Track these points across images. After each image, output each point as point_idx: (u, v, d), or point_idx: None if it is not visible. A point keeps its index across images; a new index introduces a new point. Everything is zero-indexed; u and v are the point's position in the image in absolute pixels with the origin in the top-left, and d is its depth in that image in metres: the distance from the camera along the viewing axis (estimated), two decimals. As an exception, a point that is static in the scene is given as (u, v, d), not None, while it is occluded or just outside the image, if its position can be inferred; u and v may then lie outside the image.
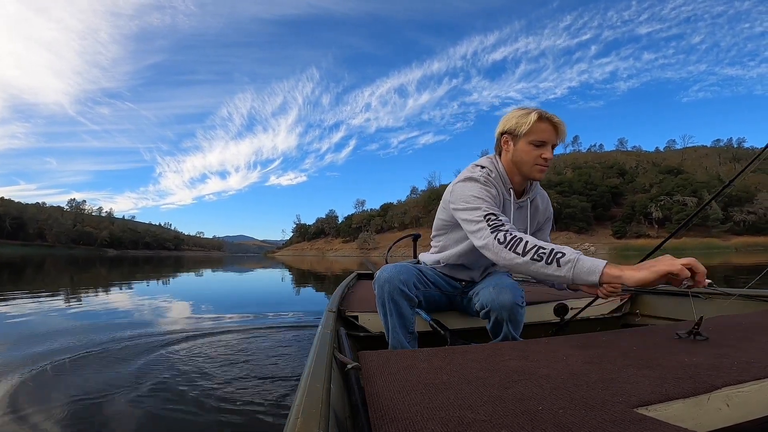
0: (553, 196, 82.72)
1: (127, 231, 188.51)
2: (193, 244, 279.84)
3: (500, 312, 1.36)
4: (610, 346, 1.10)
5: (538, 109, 1.37)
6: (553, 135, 1.36)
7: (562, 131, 1.37)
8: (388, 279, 1.41)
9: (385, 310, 1.43)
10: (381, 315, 1.46)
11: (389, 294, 1.41)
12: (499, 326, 1.41)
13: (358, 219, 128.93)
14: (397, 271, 1.43)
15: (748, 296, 1.81)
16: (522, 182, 1.47)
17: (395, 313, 1.42)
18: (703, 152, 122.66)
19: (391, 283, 1.40)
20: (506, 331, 1.40)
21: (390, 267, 1.45)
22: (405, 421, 0.65)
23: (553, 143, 1.37)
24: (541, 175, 1.39)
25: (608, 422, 0.63)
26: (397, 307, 1.41)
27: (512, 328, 1.39)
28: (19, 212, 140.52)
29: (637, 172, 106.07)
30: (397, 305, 1.41)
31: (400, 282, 1.41)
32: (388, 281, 1.41)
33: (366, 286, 2.88)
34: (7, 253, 53.87)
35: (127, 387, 1.88)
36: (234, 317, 4.00)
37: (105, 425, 1.50)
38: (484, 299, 1.41)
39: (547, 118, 1.35)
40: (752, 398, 0.77)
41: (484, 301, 1.41)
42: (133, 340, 2.88)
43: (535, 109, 1.37)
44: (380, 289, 1.42)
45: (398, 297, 1.41)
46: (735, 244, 66.59)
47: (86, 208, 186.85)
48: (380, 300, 1.44)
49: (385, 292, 1.41)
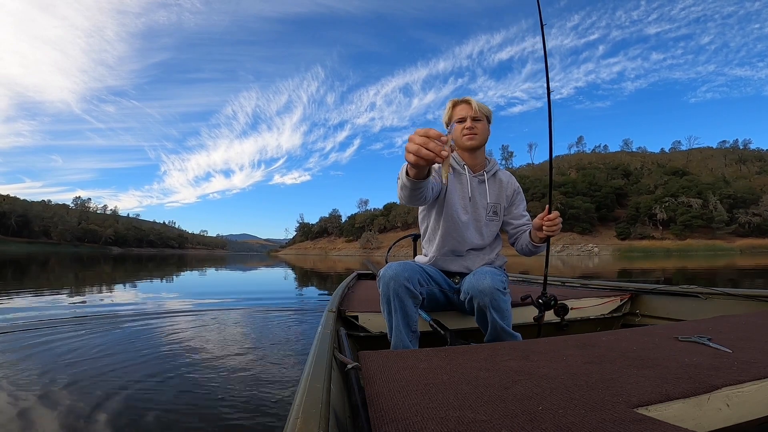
0: (557, 196, 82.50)
1: (132, 229, 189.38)
2: (196, 243, 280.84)
3: (481, 298, 1.40)
4: (610, 346, 1.10)
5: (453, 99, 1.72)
6: (468, 109, 1.65)
7: (474, 103, 1.64)
8: (393, 276, 1.41)
9: (389, 307, 1.43)
10: (385, 313, 1.46)
11: (394, 291, 1.41)
12: (483, 316, 1.43)
13: (361, 218, 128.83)
14: (402, 269, 1.43)
15: (748, 296, 1.80)
16: (469, 157, 1.71)
17: (399, 311, 1.42)
18: (709, 153, 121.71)
19: (397, 280, 1.40)
20: (492, 320, 1.40)
21: (395, 265, 1.45)
22: (405, 421, 0.66)
23: (472, 116, 1.64)
24: (470, 142, 1.65)
25: (608, 422, 0.63)
26: (401, 304, 1.41)
27: (498, 317, 1.40)
28: (25, 210, 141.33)
29: (641, 173, 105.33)
30: (401, 303, 1.41)
31: (405, 279, 1.41)
32: (393, 278, 1.41)
33: (366, 286, 2.88)
34: (13, 251, 54.25)
35: (127, 384, 1.90)
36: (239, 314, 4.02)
37: (102, 419, 1.51)
38: (466, 287, 1.47)
39: (459, 101, 1.69)
40: (752, 398, 0.77)
41: (466, 288, 1.47)
42: (141, 340, 2.89)
43: (451, 99, 1.72)
44: (385, 286, 1.42)
45: (403, 294, 1.41)
46: (740, 246, 66.03)
47: (91, 206, 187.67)
48: (385, 297, 1.43)
49: (390, 290, 1.41)
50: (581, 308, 1.92)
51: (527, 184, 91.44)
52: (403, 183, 1.25)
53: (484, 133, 1.67)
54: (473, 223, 1.69)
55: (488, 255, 1.73)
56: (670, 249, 66.03)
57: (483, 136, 1.67)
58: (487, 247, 1.74)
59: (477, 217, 1.70)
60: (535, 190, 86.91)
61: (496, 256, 1.75)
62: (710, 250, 60.54)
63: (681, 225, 76.19)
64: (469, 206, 1.68)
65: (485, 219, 1.70)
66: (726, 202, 76.76)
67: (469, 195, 1.68)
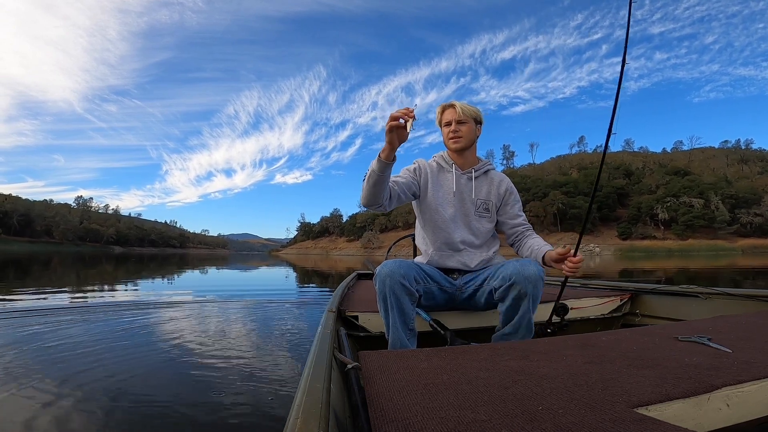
0: (558, 196, 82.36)
1: (134, 228, 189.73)
2: (198, 242, 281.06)
3: (525, 284, 1.40)
4: (610, 346, 1.10)
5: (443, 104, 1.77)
6: (453, 113, 1.71)
7: (458, 107, 1.70)
8: (389, 273, 1.42)
9: (386, 305, 1.43)
10: (382, 311, 1.46)
11: (390, 288, 1.41)
12: (516, 305, 1.44)
13: (362, 218, 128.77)
14: (398, 266, 1.44)
15: (748, 296, 1.80)
16: (458, 158, 1.78)
17: (396, 309, 1.42)
18: (711, 153, 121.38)
19: (392, 277, 1.41)
20: (525, 310, 1.43)
21: (390, 262, 1.46)
22: (405, 421, 0.66)
23: (456, 119, 1.70)
24: (454, 144, 1.72)
25: (608, 422, 0.63)
26: (398, 302, 1.42)
27: (532, 308, 1.43)
28: (27, 209, 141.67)
29: (643, 173, 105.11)
30: (398, 300, 1.42)
31: (401, 276, 1.42)
32: (389, 276, 1.41)
33: (366, 286, 2.89)
34: (15, 250, 54.41)
35: (127, 383, 1.90)
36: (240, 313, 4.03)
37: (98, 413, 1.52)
38: (509, 271, 1.45)
39: (446, 106, 1.75)
40: (752, 398, 0.77)
41: (509, 272, 1.44)
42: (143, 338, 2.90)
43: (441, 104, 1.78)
44: (381, 283, 1.43)
45: (399, 292, 1.42)
46: (742, 246, 65.88)
47: (93, 206, 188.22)
48: (381, 295, 1.44)
49: (387, 287, 1.42)
50: (581, 308, 1.93)
51: (528, 183, 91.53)
52: (371, 170, 1.43)
53: (469, 134, 1.72)
54: (461, 217, 1.73)
55: (485, 253, 1.74)
56: (671, 249, 65.91)
57: (468, 138, 1.71)
58: (484, 246, 1.75)
59: (465, 212, 1.73)
60: (537, 190, 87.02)
61: (493, 254, 1.76)
62: (712, 251, 60.40)
63: (683, 225, 76.04)
64: (455, 201, 1.73)
65: (474, 214, 1.73)
66: (728, 202, 76.59)
67: (454, 190, 1.73)
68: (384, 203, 1.54)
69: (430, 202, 1.73)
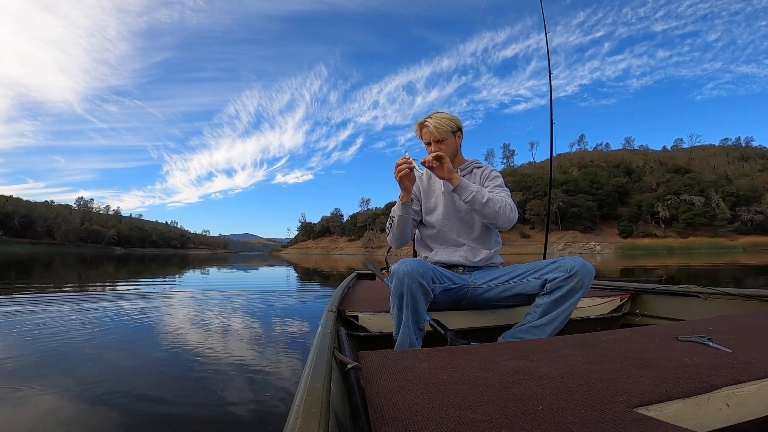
0: (559, 195, 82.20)
1: (134, 229, 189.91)
2: (198, 243, 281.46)
3: (585, 276, 1.47)
4: (610, 346, 1.10)
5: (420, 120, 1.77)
6: (429, 134, 1.72)
7: (432, 126, 1.70)
8: (407, 272, 1.39)
9: (401, 303, 1.41)
10: (395, 309, 1.44)
11: (408, 287, 1.39)
12: (568, 296, 1.48)
13: (363, 217, 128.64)
14: (417, 265, 1.42)
15: (748, 296, 1.80)
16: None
17: (411, 308, 1.40)
18: (711, 151, 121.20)
19: (411, 276, 1.39)
20: (572, 302, 1.48)
21: (408, 261, 1.44)
22: (405, 421, 0.66)
23: (433, 139, 1.72)
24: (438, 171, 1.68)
25: (608, 422, 0.63)
26: (413, 301, 1.40)
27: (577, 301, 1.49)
28: (28, 211, 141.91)
29: (643, 171, 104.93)
30: (414, 299, 1.40)
31: (420, 276, 1.40)
32: (407, 274, 1.39)
33: (366, 286, 2.88)
34: (16, 252, 54.46)
35: (126, 382, 1.91)
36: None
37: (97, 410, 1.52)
38: (569, 264, 1.50)
39: (422, 124, 1.75)
40: (752, 398, 0.77)
41: (570, 265, 1.49)
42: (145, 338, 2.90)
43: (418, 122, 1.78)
44: (399, 281, 1.40)
45: (416, 291, 1.40)
46: (742, 244, 65.82)
47: (94, 207, 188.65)
48: (397, 293, 1.41)
49: (405, 285, 1.39)
50: (581, 308, 1.92)
51: (528, 182, 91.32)
52: (396, 215, 1.67)
53: (450, 149, 1.75)
54: (454, 213, 1.78)
55: (485, 246, 1.76)
56: (672, 247, 65.81)
57: (450, 153, 1.75)
58: (485, 242, 1.76)
59: (457, 207, 1.77)
60: (537, 188, 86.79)
61: (494, 252, 1.77)
62: (713, 248, 60.34)
63: (683, 223, 75.94)
64: (445, 200, 1.78)
65: (465, 209, 1.74)
66: (728, 200, 76.47)
67: (443, 190, 1.79)
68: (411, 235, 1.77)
69: (425, 206, 1.84)
